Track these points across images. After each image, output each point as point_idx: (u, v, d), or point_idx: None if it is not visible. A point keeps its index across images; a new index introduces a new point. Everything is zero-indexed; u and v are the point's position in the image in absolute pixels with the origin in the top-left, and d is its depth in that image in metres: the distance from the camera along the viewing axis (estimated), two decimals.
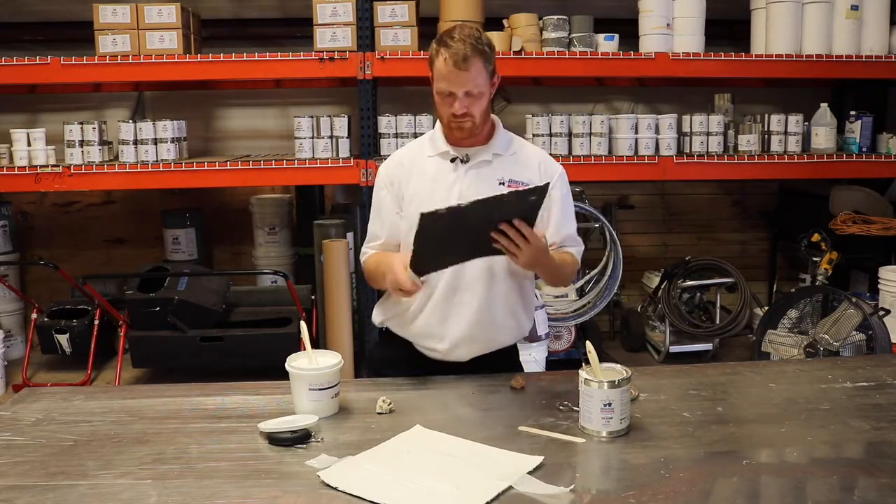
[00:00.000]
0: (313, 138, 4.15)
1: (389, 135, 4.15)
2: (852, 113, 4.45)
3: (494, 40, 4.05)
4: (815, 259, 4.21)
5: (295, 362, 1.81)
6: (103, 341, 4.42)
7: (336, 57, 4.04)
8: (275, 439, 1.65)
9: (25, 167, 4.09)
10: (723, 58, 4.19)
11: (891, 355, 3.27)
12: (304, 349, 1.86)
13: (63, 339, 4.42)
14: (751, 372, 2.13)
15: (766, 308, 4.40)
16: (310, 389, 1.77)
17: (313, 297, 4.42)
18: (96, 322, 4.34)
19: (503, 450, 1.59)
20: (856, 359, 2.95)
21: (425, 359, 2.13)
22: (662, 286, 4.72)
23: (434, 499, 1.41)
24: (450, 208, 1.80)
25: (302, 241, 4.91)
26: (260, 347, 4.09)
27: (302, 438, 1.64)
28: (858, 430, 1.71)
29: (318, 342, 4.17)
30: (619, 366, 1.74)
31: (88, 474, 1.52)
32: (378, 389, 1.94)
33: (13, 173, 4.09)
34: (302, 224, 4.92)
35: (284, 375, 1.82)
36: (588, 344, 1.74)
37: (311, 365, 1.80)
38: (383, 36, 4.09)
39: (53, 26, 4.77)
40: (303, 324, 2.00)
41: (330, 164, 4.09)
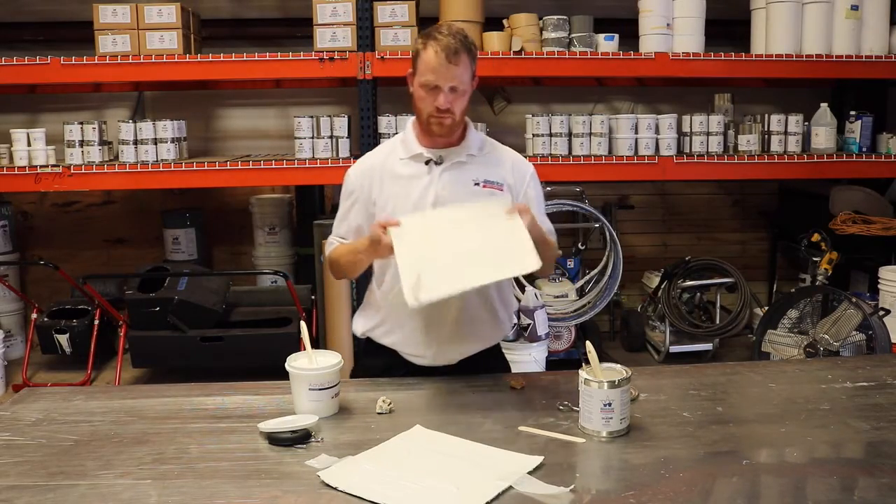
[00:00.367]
0: (313, 138, 4.15)
1: (389, 135, 4.14)
2: (852, 113, 4.45)
3: (494, 40, 4.15)
4: (815, 259, 4.21)
5: (295, 362, 1.81)
6: (103, 341, 4.42)
7: (336, 57, 4.04)
8: (275, 439, 1.65)
9: (25, 167, 4.09)
10: (723, 58, 4.20)
11: (891, 355, 3.26)
12: (304, 349, 1.86)
13: (63, 339, 4.42)
14: (751, 372, 2.13)
15: (766, 308, 4.39)
16: (310, 389, 1.77)
17: (313, 297, 4.42)
18: (96, 322, 4.34)
19: (503, 450, 1.59)
20: (856, 359, 2.94)
21: (412, 365, 2.13)
22: (662, 286, 4.72)
23: (434, 499, 1.41)
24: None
25: (302, 241, 4.91)
26: (260, 347, 4.09)
27: (302, 438, 1.64)
28: (858, 430, 1.71)
29: (318, 342, 4.17)
30: (619, 366, 1.74)
31: (88, 474, 1.52)
32: (378, 389, 1.94)
33: (13, 173, 4.09)
34: (302, 224, 4.92)
35: (284, 375, 1.82)
36: (588, 344, 1.74)
37: (311, 365, 1.80)
38: (383, 36, 4.10)
39: (53, 26, 4.77)
40: (303, 324, 2.00)
41: (330, 164, 4.09)
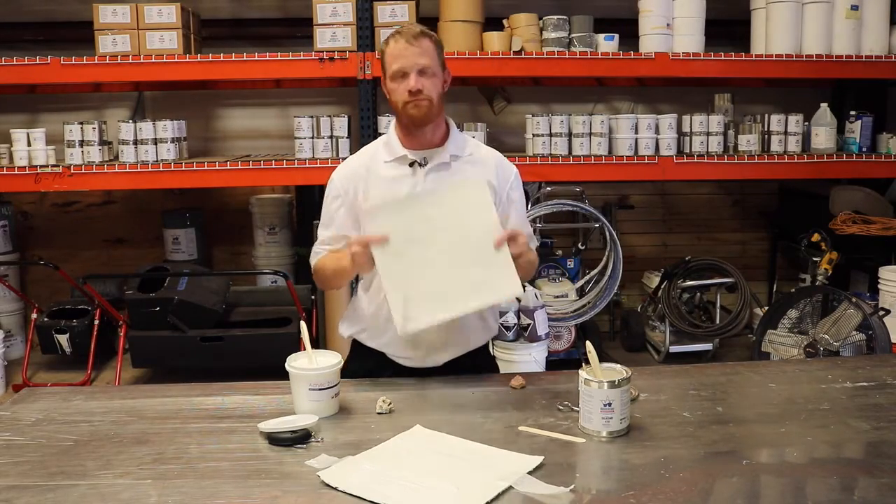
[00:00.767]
0: (313, 138, 4.15)
1: None
2: (852, 113, 4.45)
3: (494, 40, 4.15)
4: (815, 259, 4.21)
5: (295, 362, 1.81)
6: (103, 341, 4.41)
7: (336, 57, 4.04)
8: (275, 439, 1.65)
9: (25, 167, 4.09)
10: (723, 58, 4.20)
11: (891, 355, 3.26)
12: (304, 349, 1.86)
13: (63, 339, 4.41)
14: (751, 372, 2.13)
15: (766, 308, 4.39)
16: (310, 389, 1.77)
17: (313, 297, 4.42)
18: (96, 322, 4.34)
19: (503, 450, 1.59)
20: (856, 359, 2.94)
21: (399, 367, 2.13)
22: (662, 286, 4.72)
23: (434, 499, 1.41)
24: None
25: (302, 241, 4.91)
26: (260, 347, 4.09)
27: (302, 438, 1.64)
28: (858, 430, 1.71)
29: (318, 342, 4.17)
30: (619, 366, 1.74)
31: (88, 474, 1.52)
32: (378, 389, 1.94)
33: (13, 173, 4.09)
34: (302, 224, 4.92)
35: (284, 375, 1.82)
36: (588, 344, 1.74)
37: (311, 365, 1.80)
38: (383, 36, 4.09)
39: (53, 26, 4.77)
40: (303, 324, 2.00)
41: (330, 164, 4.08)
